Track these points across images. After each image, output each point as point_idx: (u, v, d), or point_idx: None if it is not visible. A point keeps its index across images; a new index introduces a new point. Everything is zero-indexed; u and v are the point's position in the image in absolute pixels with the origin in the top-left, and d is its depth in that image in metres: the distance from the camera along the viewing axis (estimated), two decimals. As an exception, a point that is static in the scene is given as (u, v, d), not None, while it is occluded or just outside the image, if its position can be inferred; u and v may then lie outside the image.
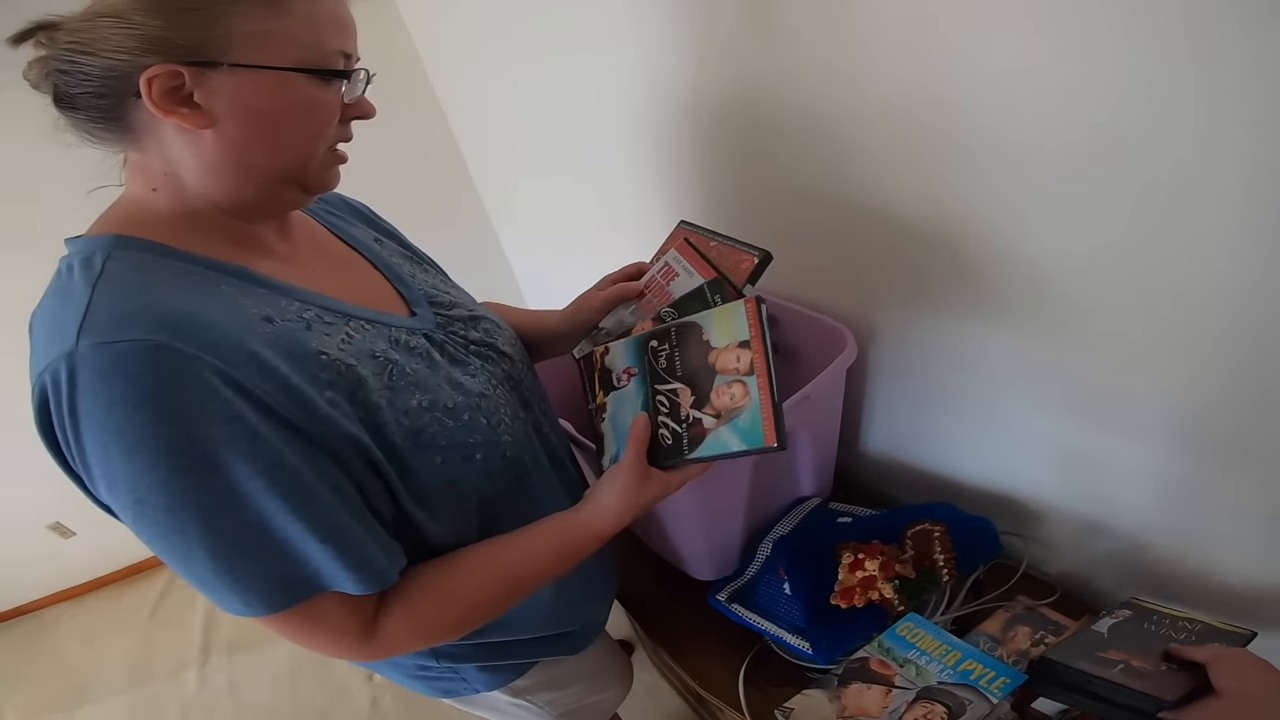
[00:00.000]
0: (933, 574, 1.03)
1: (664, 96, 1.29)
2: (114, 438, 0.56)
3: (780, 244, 1.22)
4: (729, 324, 0.80)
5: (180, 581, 3.05)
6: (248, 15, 0.64)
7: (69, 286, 0.62)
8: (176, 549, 0.60)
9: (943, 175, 0.89)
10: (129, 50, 0.62)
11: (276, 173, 0.71)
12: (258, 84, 0.66)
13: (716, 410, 0.77)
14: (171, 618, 2.96)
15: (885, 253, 1.05)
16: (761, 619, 1.08)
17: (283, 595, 0.63)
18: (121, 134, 0.67)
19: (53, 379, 0.56)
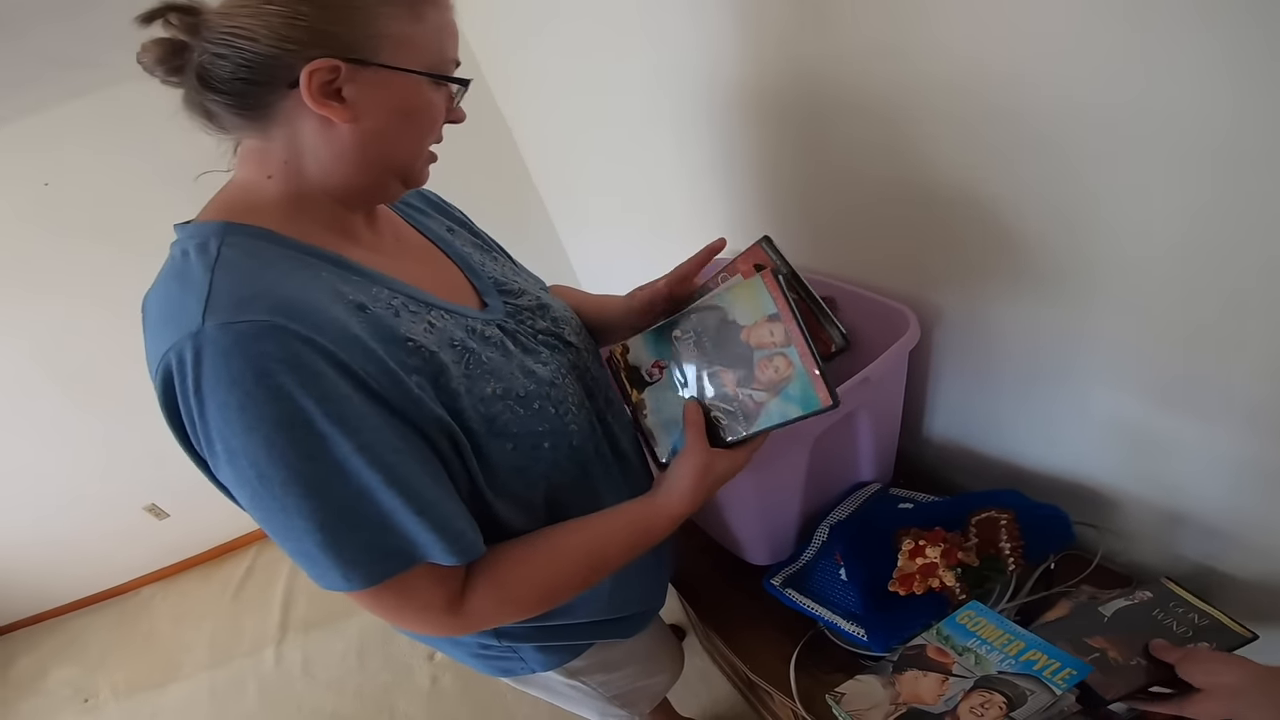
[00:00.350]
0: (997, 562, 0.98)
1: (719, 85, 1.27)
2: (236, 414, 0.59)
3: (840, 227, 1.20)
4: (751, 300, 0.78)
5: (263, 561, 3.25)
6: (395, 19, 0.69)
7: (186, 270, 0.66)
8: (288, 524, 0.63)
9: (1008, 152, 0.85)
10: (295, 41, 0.66)
11: (391, 167, 0.76)
12: (396, 85, 0.71)
13: (764, 385, 0.77)
14: (254, 597, 3.09)
15: (950, 233, 1.00)
16: (816, 604, 1.06)
17: (383, 566, 0.66)
18: (255, 120, 0.70)
19: (178, 358, 0.59)
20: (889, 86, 0.94)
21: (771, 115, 1.20)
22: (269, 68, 0.66)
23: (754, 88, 1.19)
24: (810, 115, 1.11)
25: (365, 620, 2.69)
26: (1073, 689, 0.77)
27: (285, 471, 0.61)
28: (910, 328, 1.04)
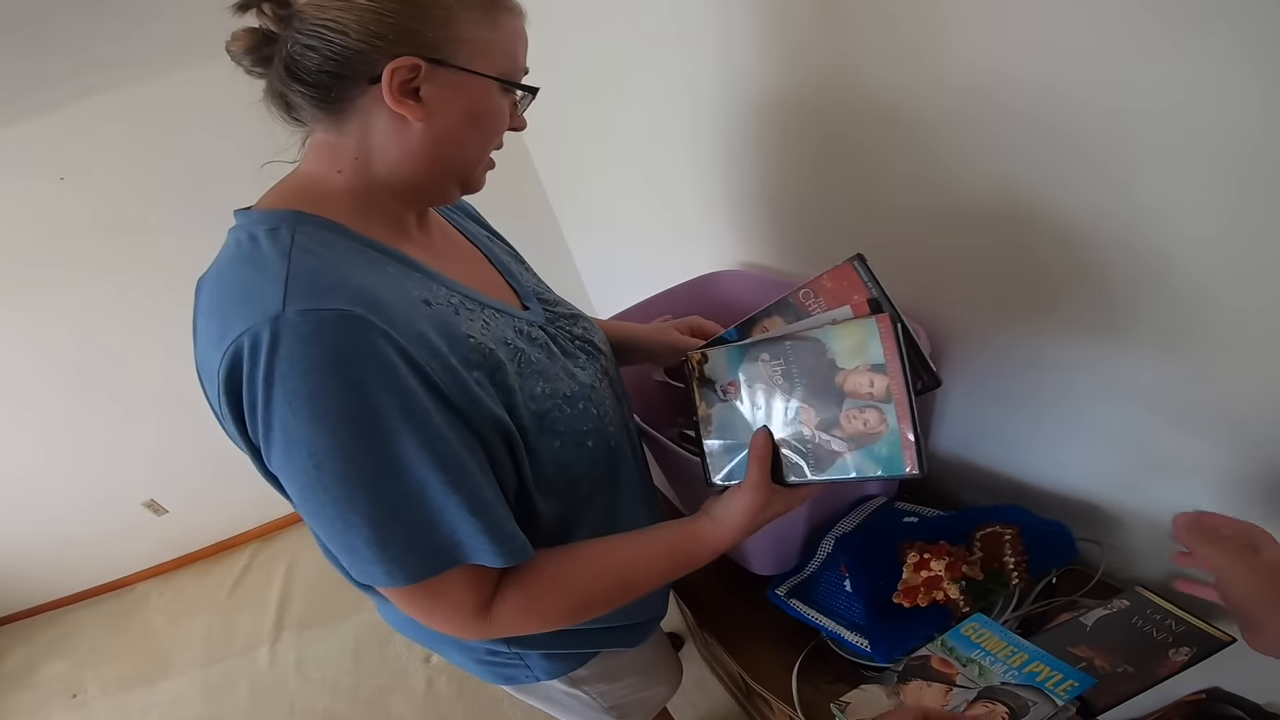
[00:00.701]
0: (1001, 576, 0.99)
1: (733, 96, 1.29)
2: (304, 401, 0.60)
3: (849, 241, 1.21)
4: (858, 343, 0.71)
5: (261, 558, 3.25)
6: (473, 23, 0.71)
7: (258, 255, 0.67)
8: (338, 517, 0.64)
9: (1019, 170, 0.86)
10: (382, 38, 0.68)
11: (454, 169, 0.78)
12: (470, 87, 0.73)
13: (847, 435, 0.72)
14: (250, 595, 3.09)
15: (964, 251, 1.02)
16: (820, 615, 1.06)
17: (426, 565, 0.67)
18: (333, 114, 0.72)
19: (252, 341, 0.60)
20: (907, 100, 0.95)
21: (789, 127, 1.22)
22: (355, 62, 0.68)
23: (772, 99, 1.21)
24: (827, 128, 1.13)
25: (361, 621, 2.69)
26: (1074, 700, 0.78)
27: (345, 464, 0.61)
28: (921, 344, 1.05)
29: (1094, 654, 0.82)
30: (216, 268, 0.71)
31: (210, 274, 0.71)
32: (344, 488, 0.62)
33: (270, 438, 0.62)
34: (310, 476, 0.62)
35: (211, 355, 0.64)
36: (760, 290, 1.45)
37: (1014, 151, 0.86)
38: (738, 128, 1.33)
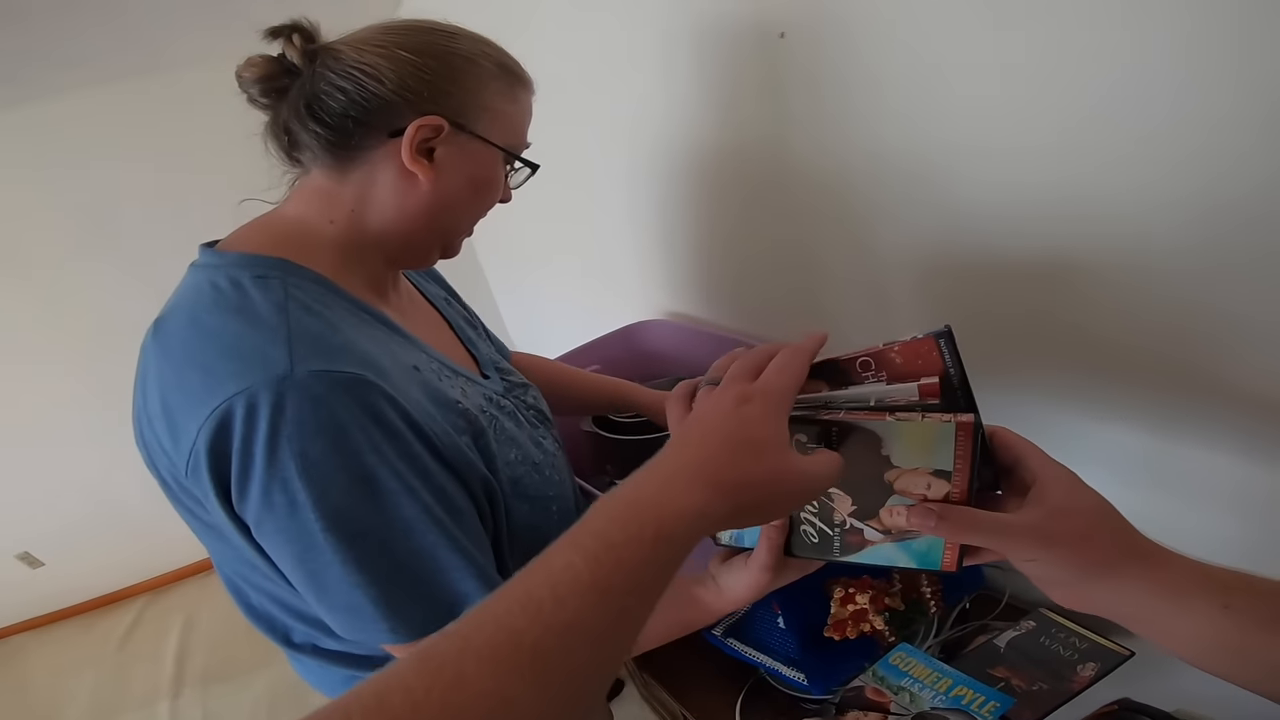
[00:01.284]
0: (920, 606, 1.08)
1: (667, 148, 1.35)
2: (315, 464, 0.59)
3: (770, 292, 1.28)
4: (925, 446, 0.60)
5: (152, 612, 3.07)
6: (497, 93, 0.75)
7: (247, 306, 0.64)
8: (342, 577, 0.63)
9: (919, 229, 0.96)
10: (415, 93, 0.69)
11: (444, 233, 0.80)
12: (480, 155, 0.75)
13: (885, 527, 0.63)
14: (143, 649, 2.92)
15: (864, 303, 1.12)
16: (757, 652, 1.12)
17: (430, 620, 0.66)
18: (340, 160, 0.72)
19: (250, 402, 0.58)
20: (829, 160, 1.04)
21: (717, 181, 1.29)
22: (381, 111, 0.69)
23: (701, 154, 1.29)
24: (753, 183, 1.21)
25: (275, 675, 2.56)
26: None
27: (355, 525, 0.61)
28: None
29: (1010, 674, 0.89)
30: (190, 312, 0.67)
31: (179, 317, 0.67)
32: (355, 549, 0.62)
33: (269, 500, 0.60)
34: (317, 539, 0.61)
35: (187, 409, 0.61)
36: (686, 340, 1.51)
37: (920, 209, 0.96)
38: (667, 181, 1.40)
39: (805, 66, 0.99)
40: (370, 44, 0.70)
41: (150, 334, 0.70)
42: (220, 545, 0.71)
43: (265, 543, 0.64)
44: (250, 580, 0.75)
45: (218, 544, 0.71)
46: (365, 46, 0.70)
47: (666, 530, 0.43)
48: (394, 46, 0.70)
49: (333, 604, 0.66)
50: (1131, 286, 0.77)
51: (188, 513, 0.70)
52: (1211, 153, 0.64)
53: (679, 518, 0.44)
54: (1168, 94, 0.65)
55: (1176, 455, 0.84)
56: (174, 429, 0.63)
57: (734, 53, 1.11)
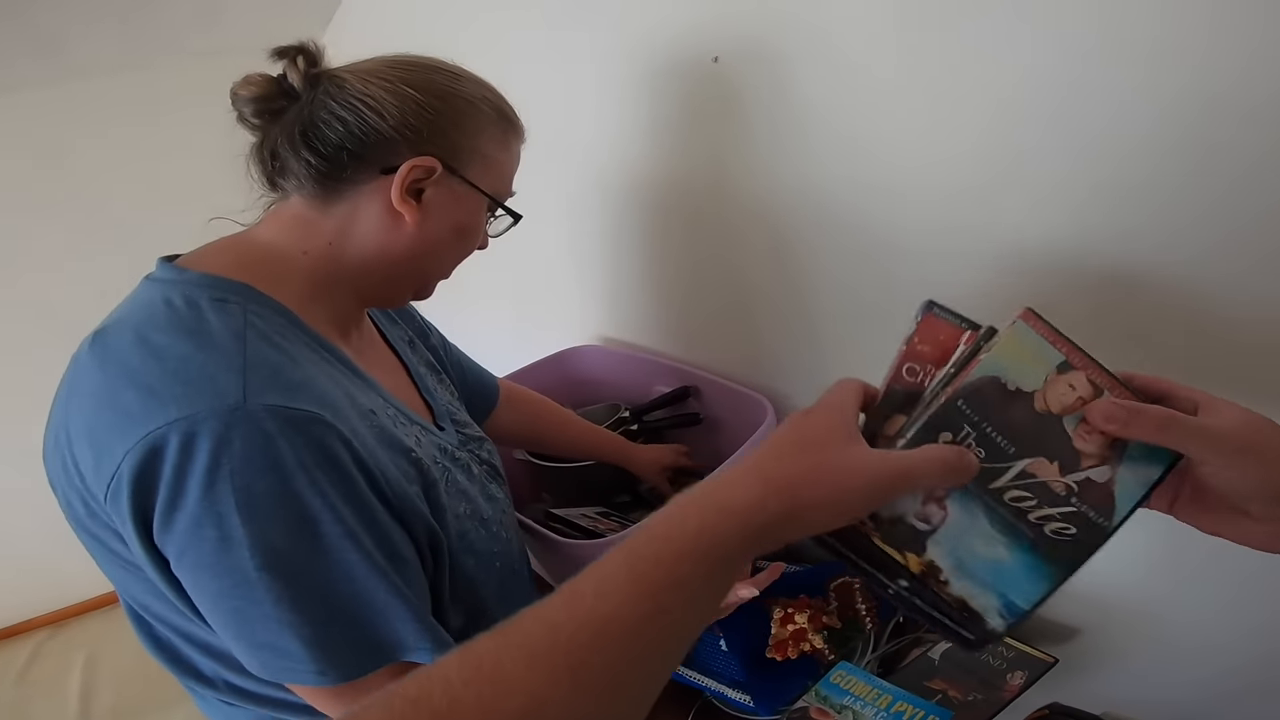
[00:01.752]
0: (856, 623, 1.13)
1: (600, 173, 1.36)
2: (259, 500, 0.57)
3: (705, 322, 1.32)
4: (1028, 354, 0.54)
5: (51, 648, 2.90)
6: (492, 140, 0.75)
7: (203, 328, 0.61)
8: (274, 617, 0.60)
9: (843, 260, 1.02)
10: (414, 130, 0.69)
11: (419, 276, 0.81)
12: (467, 201, 0.75)
13: (1096, 456, 0.53)
14: (42, 686, 2.74)
15: (798, 331, 1.16)
16: (702, 676, 1.15)
17: (363, 663, 0.64)
18: (326, 191, 0.71)
19: (190, 430, 0.55)
20: (762, 194, 1.07)
21: (652, 209, 1.31)
22: (378, 146, 0.69)
23: (637, 184, 1.30)
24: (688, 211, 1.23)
25: (193, 711, 2.41)
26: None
27: (294, 565, 0.59)
28: (769, 416, 1.17)
29: (946, 685, 0.94)
30: (135, 329, 0.63)
31: (124, 331, 0.63)
32: (291, 589, 0.59)
33: (199, 534, 0.57)
34: (249, 576, 0.58)
35: (117, 430, 0.58)
36: (619, 365, 1.53)
37: (836, 251, 1.02)
38: (600, 207, 1.41)
39: (738, 91, 1.02)
40: (376, 76, 0.70)
41: (87, 345, 0.66)
42: (125, 576, 0.68)
43: (184, 576, 0.61)
44: (155, 613, 0.71)
45: (123, 574, 0.68)
46: (371, 78, 0.69)
47: (710, 523, 0.42)
48: (399, 82, 0.69)
49: (254, 642, 0.63)
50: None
51: (93, 540, 0.67)
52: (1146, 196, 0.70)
53: (724, 511, 0.42)
54: (1103, 136, 0.71)
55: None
56: (98, 449, 0.60)
57: (667, 77, 1.12)
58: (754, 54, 0.98)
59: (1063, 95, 0.70)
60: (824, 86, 0.92)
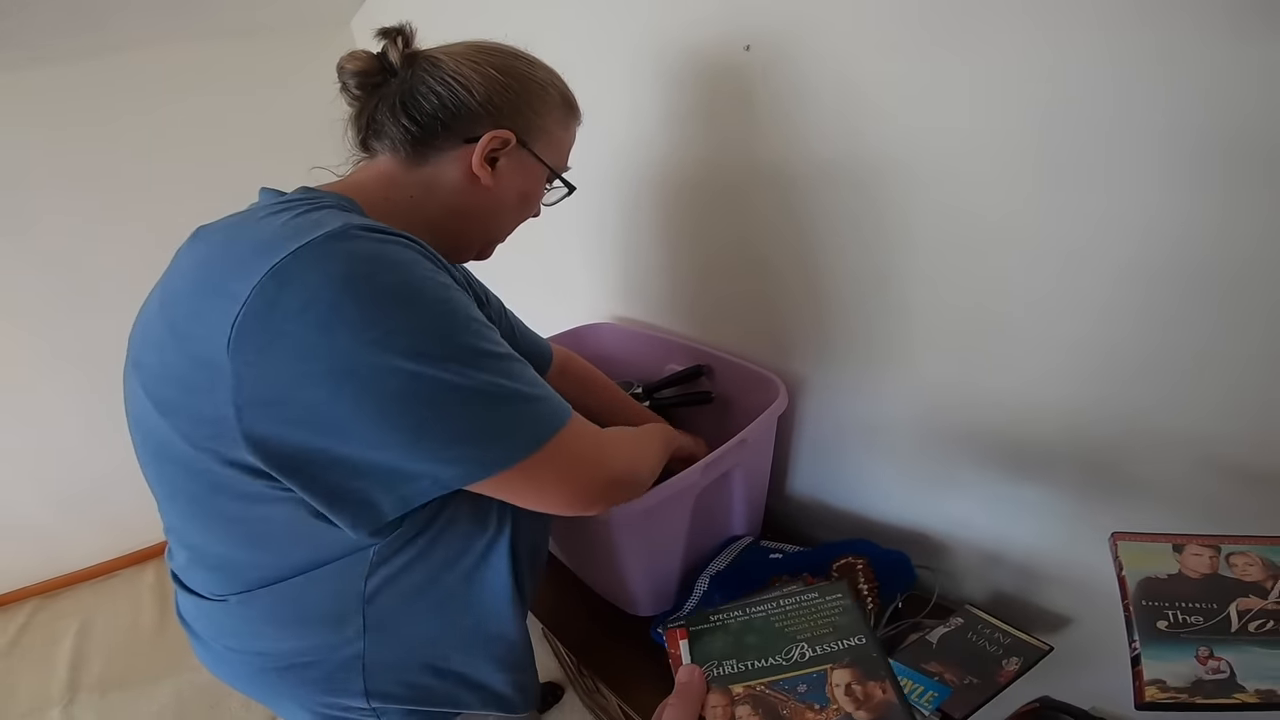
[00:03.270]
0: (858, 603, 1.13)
1: (618, 155, 1.38)
2: (405, 292, 0.61)
3: (718, 302, 1.32)
4: (1146, 556, 0.63)
5: (41, 619, 2.91)
6: (556, 120, 0.86)
7: (310, 210, 0.67)
8: (442, 405, 0.62)
9: (861, 242, 1.02)
10: (495, 106, 0.79)
11: (485, 236, 0.91)
12: (533, 171, 0.86)
13: (1270, 577, 0.60)
14: (31, 655, 2.74)
15: (813, 312, 1.17)
16: (701, 650, 1.15)
17: (550, 423, 0.68)
18: (417, 153, 0.80)
19: (314, 252, 0.58)
20: (785, 170, 1.08)
21: (666, 190, 1.32)
22: (465, 118, 0.79)
23: (653, 166, 1.32)
24: (702, 193, 1.24)
25: (182, 681, 2.46)
26: (937, 710, 0.92)
27: (455, 336, 0.63)
28: (780, 395, 1.17)
29: (943, 669, 0.94)
30: (243, 214, 0.71)
31: (228, 219, 0.71)
32: (471, 369, 0.62)
33: (362, 341, 0.58)
34: (408, 374, 0.59)
35: (239, 273, 0.59)
36: (632, 343, 1.54)
37: (849, 231, 1.02)
38: (618, 187, 1.43)
39: (758, 77, 1.03)
40: (466, 59, 0.79)
41: (186, 242, 0.72)
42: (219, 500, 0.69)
43: (336, 403, 0.60)
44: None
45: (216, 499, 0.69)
46: (462, 60, 0.79)
47: None
48: (485, 64, 0.79)
49: (436, 443, 0.63)
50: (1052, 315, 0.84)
51: (187, 420, 0.65)
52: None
53: None
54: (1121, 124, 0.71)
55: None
56: (219, 294, 0.60)
57: (689, 63, 1.14)
58: (782, 41, 0.99)
59: (1093, 88, 0.71)
60: (845, 70, 0.92)
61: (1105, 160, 0.72)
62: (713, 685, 0.56)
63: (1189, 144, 0.66)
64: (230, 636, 0.84)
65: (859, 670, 0.55)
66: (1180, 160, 0.67)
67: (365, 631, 0.80)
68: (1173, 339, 0.75)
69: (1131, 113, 0.68)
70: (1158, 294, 0.74)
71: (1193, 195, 0.67)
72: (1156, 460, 0.83)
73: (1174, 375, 0.77)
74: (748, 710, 0.54)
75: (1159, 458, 0.82)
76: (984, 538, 1.13)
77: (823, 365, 1.21)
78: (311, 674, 0.82)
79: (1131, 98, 0.68)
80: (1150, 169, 0.69)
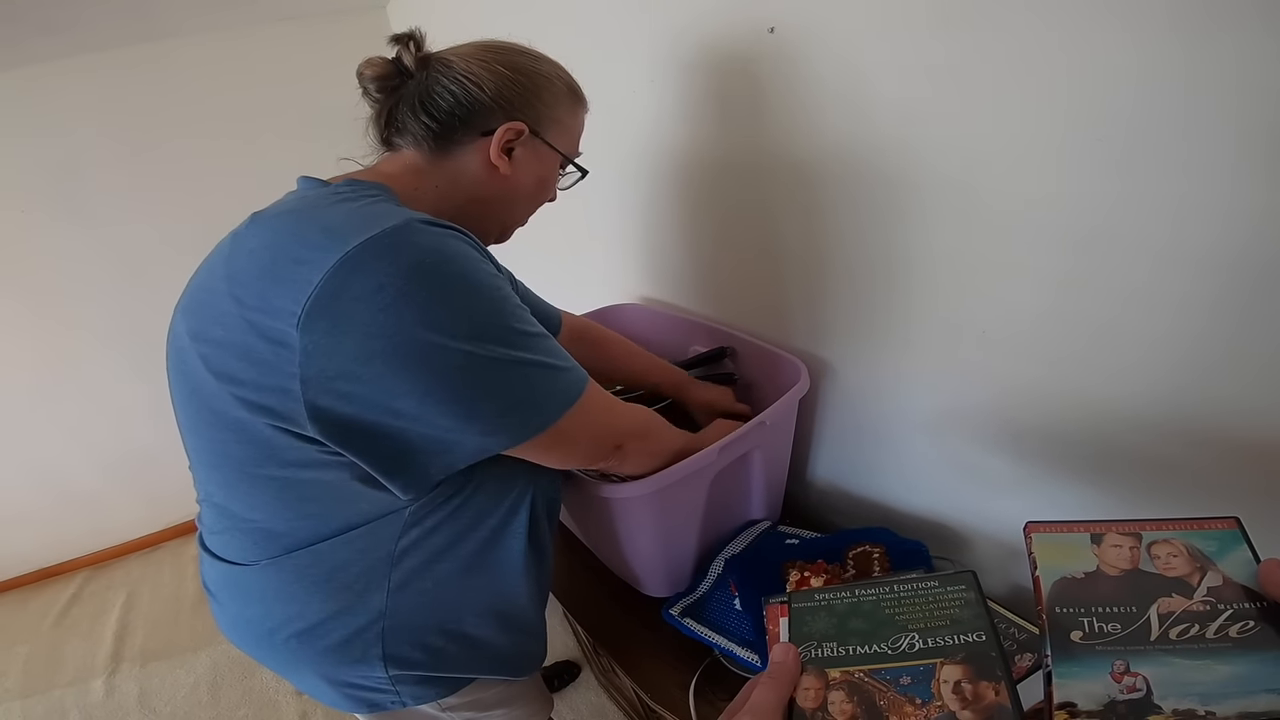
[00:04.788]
0: (872, 592, 1.11)
1: (648, 138, 1.39)
2: (459, 280, 0.68)
3: (743, 285, 1.32)
4: (1062, 551, 0.58)
5: (92, 589, 3.01)
6: (565, 109, 0.92)
7: (374, 202, 0.76)
8: (492, 380, 0.71)
9: (885, 228, 1.01)
10: (508, 101, 0.85)
11: (504, 221, 0.96)
12: (546, 159, 0.92)
13: (1195, 571, 0.55)
14: (80, 625, 2.85)
15: (835, 293, 1.15)
16: (713, 633, 1.14)
17: (575, 388, 0.78)
18: (438, 148, 0.85)
19: (382, 243, 0.65)
20: (800, 159, 1.08)
21: (694, 174, 1.32)
22: (479, 113, 0.84)
23: (683, 150, 1.32)
24: (728, 179, 1.24)
25: (218, 653, 2.54)
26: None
27: (504, 320, 0.71)
28: (801, 378, 1.16)
29: None
30: (296, 202, 0.77)
31: (287, 204, 0.77)
32: (504, 342, 0.70)
33: (426, 320, 0.66)
34: (470, 354, 0.68)
35: (304, 261, 0.66)
36: (658, 324, 1.55)
37: (873, 218, 1.01)
38: (646, 170, 1.43)
39: (791, 62, 1.03)
40: (475, 58, 0.85)
41: (244, 224, 0.78)
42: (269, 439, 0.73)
43: (398, 378, 0.67)
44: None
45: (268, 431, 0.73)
46: (472, 60, 0.84)
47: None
48: (493, 62, 0.84)
49: (497, 409, 0.72)
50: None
51: (251, 389, 0.70)
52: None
53: None
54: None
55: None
56: (291, 277, 0.66)
57: (721, 47, 1.13)
58: (810, 23, 0.98)
59: (1118, 73, 0.69)
60: (871, 53, 0.91)
61: (1175, 145, 0.69)
62: (808, 666, 0.53)
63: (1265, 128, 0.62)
64: (256, 603, 0.87)
65: (972, 668, 0.51)
66: (1257, 146, 0.63)
67: (390, 593, 0.84)
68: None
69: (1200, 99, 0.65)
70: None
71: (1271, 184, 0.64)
72: (1202, 455, 0.80)
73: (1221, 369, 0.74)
74: (842, 696, 0.51)
75: (1201, 454, 0.80)
76: (1008, 531, 1.10)
77: (849, 352, 1.20)
78: (332, 639, 0.85)
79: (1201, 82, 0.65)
80: (1225, 155, 0.65)
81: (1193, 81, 0.64)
